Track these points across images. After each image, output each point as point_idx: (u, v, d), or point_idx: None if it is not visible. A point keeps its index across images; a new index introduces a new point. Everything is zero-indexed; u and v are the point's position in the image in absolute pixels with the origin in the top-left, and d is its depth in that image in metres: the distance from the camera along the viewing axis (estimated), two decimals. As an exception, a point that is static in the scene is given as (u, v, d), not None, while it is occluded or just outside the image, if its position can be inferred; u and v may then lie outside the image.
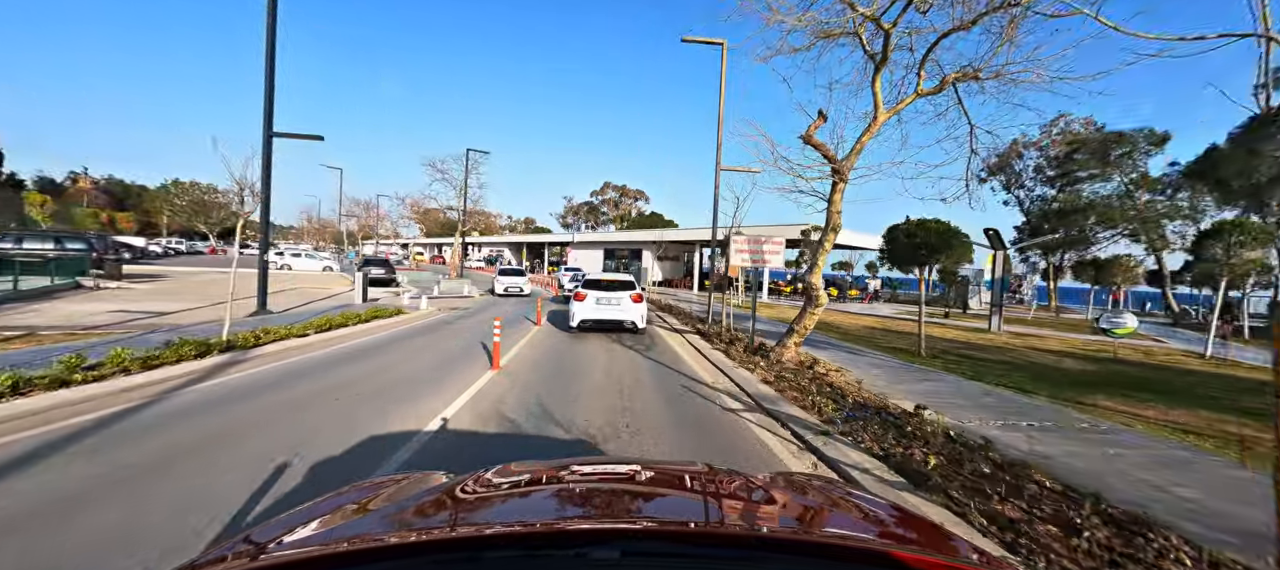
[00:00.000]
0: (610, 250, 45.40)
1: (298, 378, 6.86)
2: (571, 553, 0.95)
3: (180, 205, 57.02)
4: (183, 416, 5.04)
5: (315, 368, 7.58)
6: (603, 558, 0.90)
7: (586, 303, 12.37)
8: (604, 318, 12.36)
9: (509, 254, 66.90)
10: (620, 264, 43.98)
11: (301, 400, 5.79)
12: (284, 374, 7.03)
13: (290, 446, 4.34)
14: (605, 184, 79.61)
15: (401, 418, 5.31)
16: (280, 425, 4.92)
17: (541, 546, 0.99)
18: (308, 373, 7.18)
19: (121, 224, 61.71)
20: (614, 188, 79.48)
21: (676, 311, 18.75)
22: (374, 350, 9.40)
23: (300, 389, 6.28)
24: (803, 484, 1.78)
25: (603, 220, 79.02)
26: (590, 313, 12.34)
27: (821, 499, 1.58)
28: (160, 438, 4.43)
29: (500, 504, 1.41)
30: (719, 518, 1.35)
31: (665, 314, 18.30)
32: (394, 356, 8.92)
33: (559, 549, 0.97)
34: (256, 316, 11.72)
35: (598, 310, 12.34)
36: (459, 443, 4.78)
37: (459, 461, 4.26)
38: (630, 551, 0.91)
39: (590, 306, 12.35)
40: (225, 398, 5.76)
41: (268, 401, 5.69)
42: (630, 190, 79.10)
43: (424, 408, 5.72)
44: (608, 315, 12.36)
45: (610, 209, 79.42)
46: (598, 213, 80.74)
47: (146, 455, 4.04)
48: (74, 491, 3.37)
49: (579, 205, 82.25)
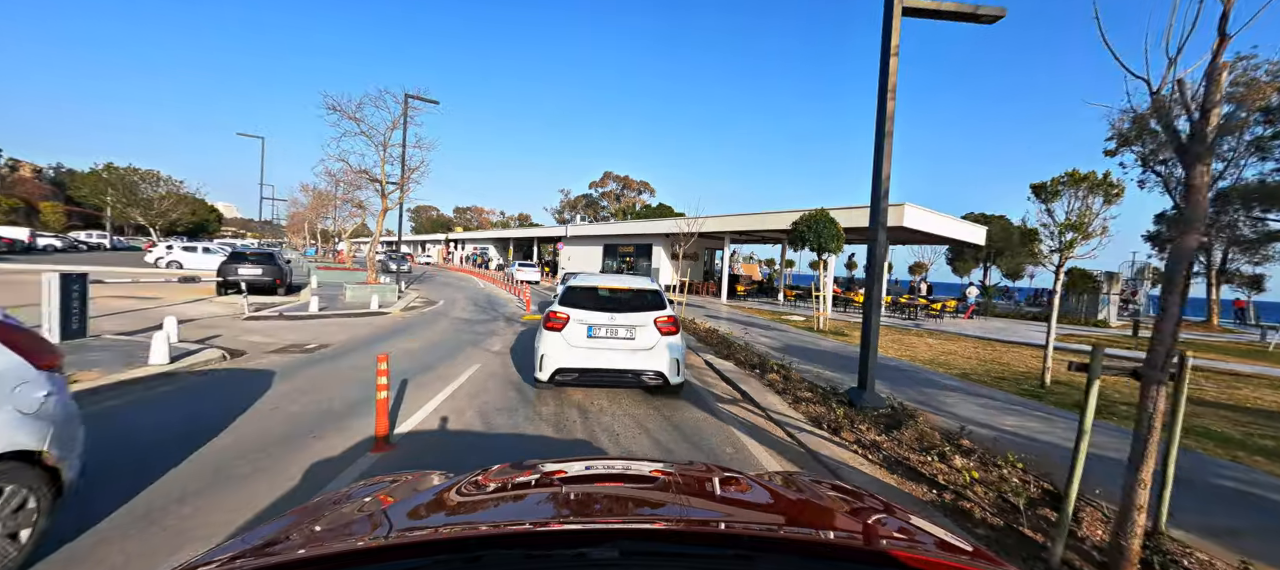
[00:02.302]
0: (611, 245, 37.10)
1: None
2: (571, 553, 0.94)
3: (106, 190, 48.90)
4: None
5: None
6: (602, 557, 0.90)
7: (569, 333, 6.04)
8: (602, 367, 5.93)
9: (494, 251, 58.66)
10: (623, 264, 35.69)
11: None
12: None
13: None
14: (605, 174, 71.46)
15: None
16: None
17: (540, 546, 0.98)
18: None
19: (46, 215, 53.41)
20: (615, 179, 71.31)
21: (729, 344, 10.51)
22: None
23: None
24: (802, 483, 1.70)
25: (602, 216, 70.87)
26: (576, 354, 5.96)
27: (821, 498, 1.53)
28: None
29: (499, 504, 1.38)
30: (718, 517, 1.32)
31: (706, 349, 10.09)
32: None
33: (558, 549, 0.96)
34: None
35: (592, 349, 5.99)
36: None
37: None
38: (629, 551, 0.91)
39: (575, 340, 6.02)
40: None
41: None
42: (634, 181, 70.92)
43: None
44: (611, 361, 5.95)
45: (611, 203, 71.23)
46: (597, 207, 72.56)
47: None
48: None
49: (577, 199, 74.10)
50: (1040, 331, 18.92)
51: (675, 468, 1.71)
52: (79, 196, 55.59)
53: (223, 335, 9.48)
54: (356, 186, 19.05)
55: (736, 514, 1.36)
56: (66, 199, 61.29)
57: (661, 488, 1.52)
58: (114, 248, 44.92)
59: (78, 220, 58.48)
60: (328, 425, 4.74)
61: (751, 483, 1.60)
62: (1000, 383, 8.34)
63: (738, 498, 1.49)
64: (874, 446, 4.65)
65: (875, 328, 5.83)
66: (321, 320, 12.12)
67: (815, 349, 11.06)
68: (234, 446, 4.16)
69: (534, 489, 1.50)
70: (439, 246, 71.94)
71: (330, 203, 33.87)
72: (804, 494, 1.54)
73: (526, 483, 1.53)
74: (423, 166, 18.73)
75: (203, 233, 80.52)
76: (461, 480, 1.50)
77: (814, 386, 6.73)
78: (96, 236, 46.01)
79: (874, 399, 5.78)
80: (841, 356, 10.15)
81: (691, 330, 12.46)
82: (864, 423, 5.20)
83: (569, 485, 1.49)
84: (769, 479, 1.72)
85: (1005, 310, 28.08)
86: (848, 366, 8.98)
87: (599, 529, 1.05)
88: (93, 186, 52.17)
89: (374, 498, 1.42)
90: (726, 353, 9.36)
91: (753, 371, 7.85)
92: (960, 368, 9.72)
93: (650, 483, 1.57)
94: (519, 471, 1.61)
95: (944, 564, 0.98)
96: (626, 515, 1.29)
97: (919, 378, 8.39)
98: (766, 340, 11.91)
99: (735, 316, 17.88)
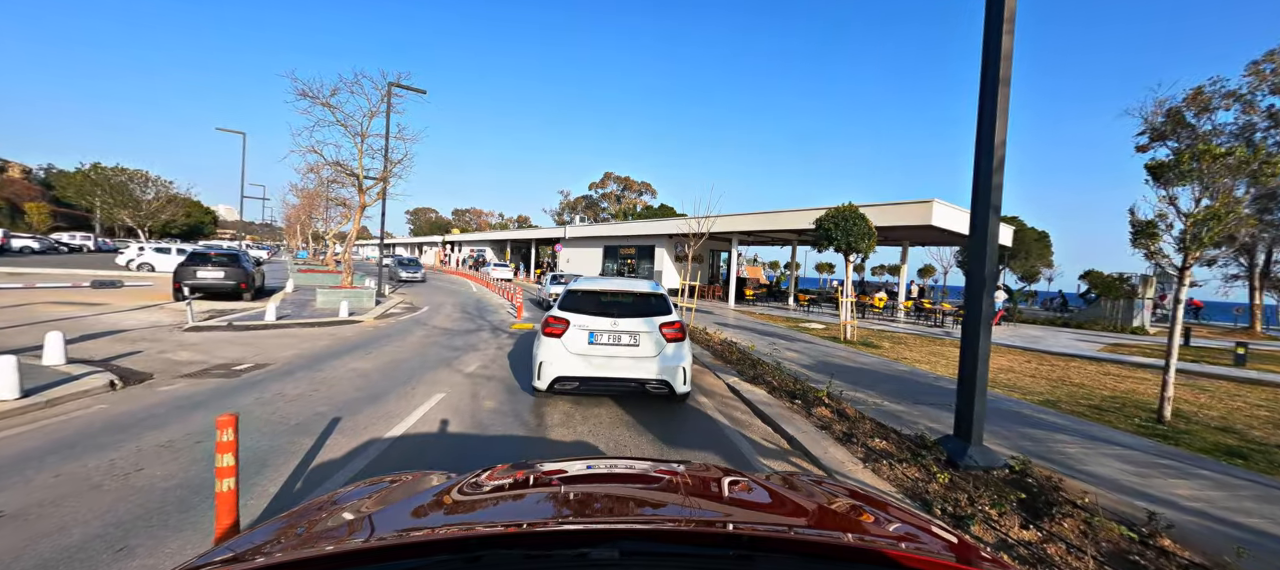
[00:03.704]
0: (612, 247, 35.34)
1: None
2: (571, 553, 0.93)
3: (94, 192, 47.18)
4: None
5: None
6: (602, 557, 0.90)
7: (569, 339, 5.61)
8: (606, 375, 5.44)
9: (491, 253, 56.93)
10: (624, 266, 33.94)
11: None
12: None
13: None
14: (606, 175, 69.84)
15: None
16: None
17: (540, 546, 0.97)
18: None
19: (32, 217, 51.69)
20: (615, 179, 69.67)
21: (754, 362, 8.76)
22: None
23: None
24: (803, 483, 1.68)
25: (603, 217, 69.18)
26: (576, 362, 5.50)
27: (822, 498, 1.51)
28: None
29: (499, 504, 1.36)
30: (719, 517, 1.29)
31: (727, 368, 8.36)
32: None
33: (558, 549, 0.95)
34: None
35: (594, 356, 5.53)
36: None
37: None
38: (630, 551, 0.91)
39: (575, 347, 5.57)
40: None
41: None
42: (635, 182, 69.27)
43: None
44: (613, 370, 5.46)
45: (612, 204, 69.57)
46: (597, 208, 70.90)
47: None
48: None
49: (577, 200, 72.44)
50: (1082, 339, 17.17)
51: (675, 467, 1.67)
52: (64, 197, 54.01)
53: (145, 351, 7.82)
54: (335, 182, 17.29)
55: (737, 514, 1.34)
56: (52, 200, 59.74)
57: (661, 487, 1.49)
58: (99, 250, 43.31)
59: (63, 222, 56.87)
60: (161, 519, 3.04)
61: (752, 482, 1.59)
62: (1103, 415, 6.62)
63: (738, 497, 1.46)
64: (1021, 550, 2.94)
65: (983, 355, 4.13)
66: (276, 331, 10.44)
67: (854, 366, 9.35)
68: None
69: (533, 489, 1.47)
70: (436, 249, 70.14)
71: (318, 202, 32.12)
72: (804, 494, 1.51)
73: (526, 483, 1.50)
74: (406, 159, 17.02)
75: (198, 235, 78.97)
76: (461, 480, 1.49)
77: (884, 428, 5.01)
78: (80, 238, 44.34)
79: (984, 455, 4.08)
80: (892, 378, 8.43)
81: (704, 342, 10.74)
82: (984, 498, 3.49)
83: (569, 485, 1.47)
84: (768, 479, 1.69)
85: (1030, 315, 26.32)
86: (908, 393, 7.26)
87: (599, 529, 1.03)
88: (78, 187, 50.53)
89: (373, 498, 1.42)
90: (753, 374, 7.64)
91: (793, 402, 6.13)
92: (1036, 391, 8.00)
93: (650, 482, 1.54)
94: (519, 471, 1.58)
95: (945, 564, 0.98)
96: (627, 515, 1.28)
97: (1000, 408, 6.68)
98: (793, 355, 10.19)
99: (748, 324, 16.16)
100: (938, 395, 7.23)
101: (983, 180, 4.18)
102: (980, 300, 4.19)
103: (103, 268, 23.96)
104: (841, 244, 12.60)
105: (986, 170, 4.14)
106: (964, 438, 4.21)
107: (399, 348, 9.26)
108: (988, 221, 4.13)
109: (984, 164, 4.16)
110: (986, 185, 4.14)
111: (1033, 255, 44.21)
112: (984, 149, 4.17)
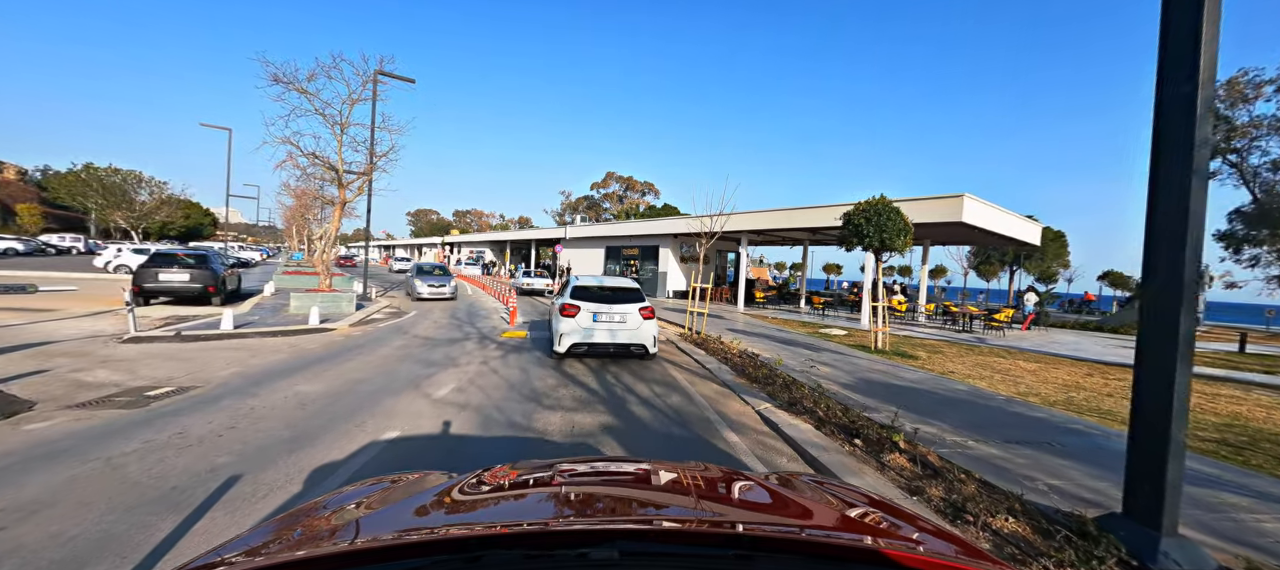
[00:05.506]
0: (614, 247, 33.89)
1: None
2: (571, 553, 0.92)
3: (83, 193, 46.04)
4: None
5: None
6: (602, 557, 0.89)
7: (579, 318, 8.35)
8: (605, 341, 8.37)
9: (490, 254, 55.53)
10: (627, 267, 32.48)
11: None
12: None
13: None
14: (608, 174, 68.47)
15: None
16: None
17: (541, 546, 0.96)
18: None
19: (23, 218, 50.59)
20: (618, 179, 68.30)
21: (788, 383, 7.29)
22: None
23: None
24: (802, 483, 1.66)
25: (604, 217, 67.78)
26: (583, 333, 8.32)
27: (822, 499, 1.49)
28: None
29: (499, 504, 1.35)
30: (718, 517, 1.26)
31: (755, 390, 6.89)
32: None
33: (558, 549, 0.94)
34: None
35: (595, 329, 8.34)
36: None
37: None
38: (630, 551, 0.90)
39: (584, 324, 8.35)
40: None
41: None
42: (637, 182, 67.85)
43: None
44: (610, 338, 8.37)
45: (614, 204, 68.17)
46: (599, 209, 69.52)
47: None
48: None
49: (578, 200, 71.08)
50: (1126, 346, 15.67)
51: (676, 468, 1.64)
52: (56, 198, 52.97)
53: (56, 370, 6.47)
54: (313, 175, 15.95)
55: (738, 514, 1.33)
56: (46, 202, 58.74)
57: (662, 488, 1.47)
58: (89, 251, 42.20)
59: (56, 223, 55.85)
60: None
61: (752, 483, 1.56)
62: (1248, 460, 5.16)
63: (739, 498, 1.45)
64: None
65: (1179, 396, 2.70)
66: (228, 341, 9.07)
67: (900, 384, 7.90)
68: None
69: (534, 489, 1.46)
70: (435, 250, 68.85)
71: (310, 200, 30.81)
72: (805, 494, 1.48)
73: (527, 483, 1.49)
74: (392, 152, 15.66)
75: (196, 237, 77.82)
76: (462, 480, 1.48)
77: (993, 490, 3.57)
78: (69, 240, 43.23)
79: (1188, 555, 2.64)
80: (954, 401, 6.98)
81: (721, 355, 9.31)
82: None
83: (569, 485, 1.45)
84: (769, 479, 1.66)
85: (1057, 319, 24.77)
86: (985, 424, 5.79)
87: (599, 529, 1.01)
88: (70, 188, 49.46)
89: (374, 497, 1.40)
90: (788, 399, 6.18)
91: (852, 443, 4.68)
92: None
93: (650, 483, 1.52)
94: (519, 471, 1.57)
95: (947, 564, 0.97)
96: (627, 515, 1.26)
97: (1109, 447, 5.22)
98: (826, 370, 8.74)
99: (763, 330, 14.72)
100: (1025, 429, 5.77)
101: (1172, 117, 2.73)
102: (1169, 312, 2.75)
103: (83, 270, 22.74)
104: (874, 241, 11.16)
105: (1182, 101, 2.70)
106: (1148, 522, 2.77)
107: (364, 364, 7.86)
108: (1190, 187, 2.68)
109: (1174, 91, 2.72)
110: (1183, 127, 2.70)
111: (1049, 255, 42.56)
112: (1176, 66, 2.73)
